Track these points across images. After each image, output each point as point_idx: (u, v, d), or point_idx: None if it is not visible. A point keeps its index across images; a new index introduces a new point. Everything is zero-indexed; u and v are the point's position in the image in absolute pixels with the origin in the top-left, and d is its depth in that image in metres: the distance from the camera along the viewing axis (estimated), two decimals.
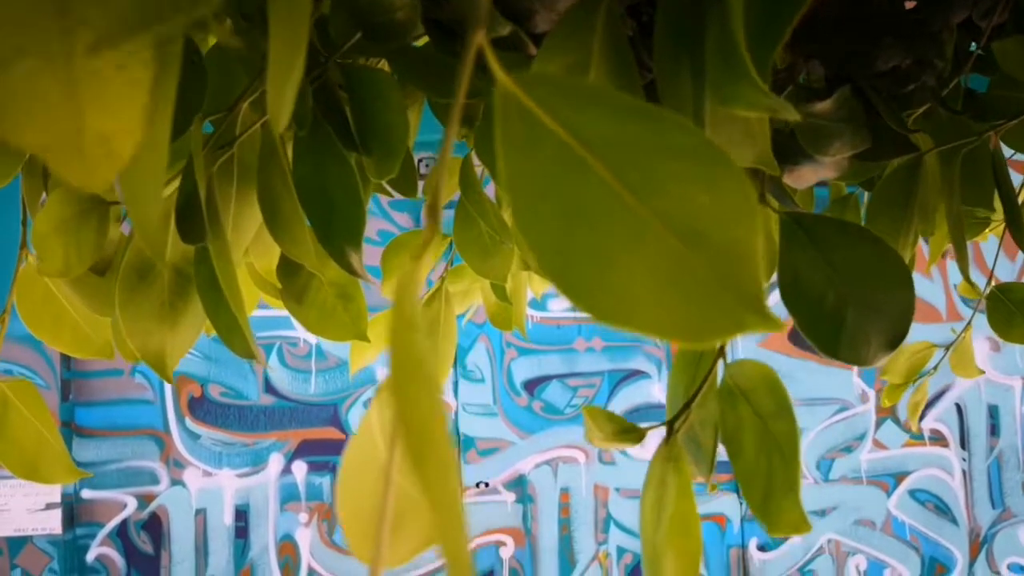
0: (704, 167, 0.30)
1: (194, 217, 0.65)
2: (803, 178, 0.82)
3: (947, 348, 1.34)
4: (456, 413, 3.64)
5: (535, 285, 1.34)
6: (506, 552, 3.63)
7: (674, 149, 0.30)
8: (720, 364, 0.68)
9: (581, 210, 0.30)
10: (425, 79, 0.72)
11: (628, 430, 0.68)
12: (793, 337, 3.82)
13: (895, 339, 0.66)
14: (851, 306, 0.65)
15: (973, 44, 0.86)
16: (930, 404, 3.90)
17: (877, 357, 0.67)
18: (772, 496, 0.59)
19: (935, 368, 1.35)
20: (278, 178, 0.69)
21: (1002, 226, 1.35)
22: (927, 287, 3.93)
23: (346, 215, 0.67)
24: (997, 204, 1.03)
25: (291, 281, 0.96)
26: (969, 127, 0.94)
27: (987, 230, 1.27)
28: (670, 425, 0.66)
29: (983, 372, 1.34)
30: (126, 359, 0.78)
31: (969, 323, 1.37)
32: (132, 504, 3.48)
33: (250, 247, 0.85)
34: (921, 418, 3.89)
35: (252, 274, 0.95)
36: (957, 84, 0.96)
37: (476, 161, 0.97)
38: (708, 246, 0.30)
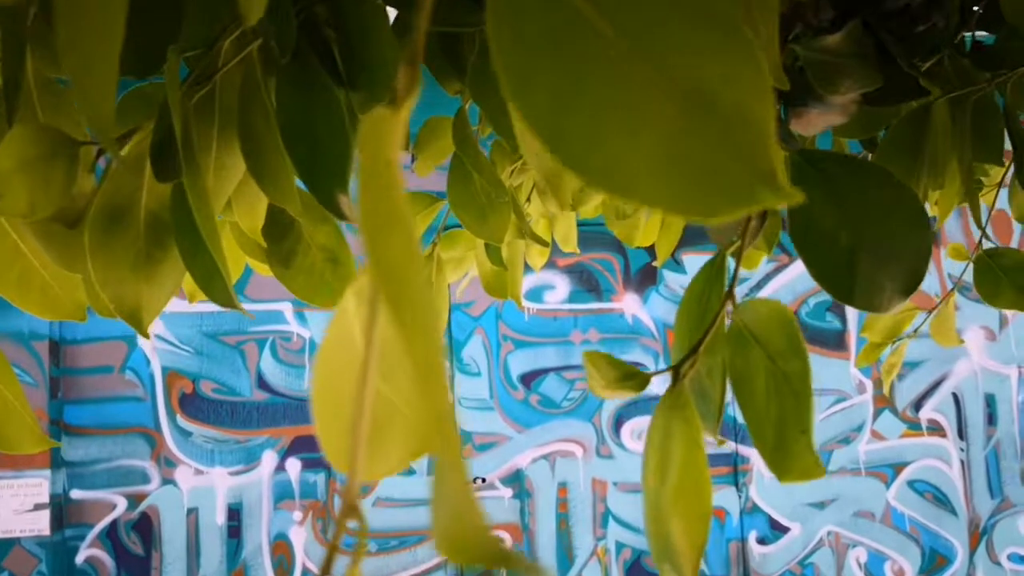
0: (714, 31, 0.26)
1: (169, 154, 0.61)
2: (811, 123, 0.78)
3: (929, 312, 1.31)
4: (452, 407, 3.60)
5: (533, 256, 1.31)
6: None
7: (682, 7, 0.26)
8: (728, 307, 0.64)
9: (580, 71, 0.26)
10: None
11: (631, 375, 0.64)
12: None
13: (911, 284, 0.62)
14: (865, 249, 0.61)
15: None
16: (927, 394, 3.88)
17: (892, 303, 0.64)
18: (784, 441, 0.56)
19: (915, 331, 1.31)
20: (260, 116, 0.65)
21: (993, 193, 1.32)
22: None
23: (332, 153, 0.63)
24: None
25: (278, 244, 0.91)
26: (977, 76, 0.91)
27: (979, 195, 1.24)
28: (676, 371, 0.63)
29: (963, 341, 1.30)
30: (100, 314, 0.74)
31: (953, 289, 1.33)
32: (122, 504, 3.43)
33: (234, 203, 0.81)
34: (918, 408, 3.87)
35: (237, 236, 0.91)
36: (963, 38, 0.93)
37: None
38: (716, 109, 0.26)
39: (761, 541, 3.74)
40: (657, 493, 0.64)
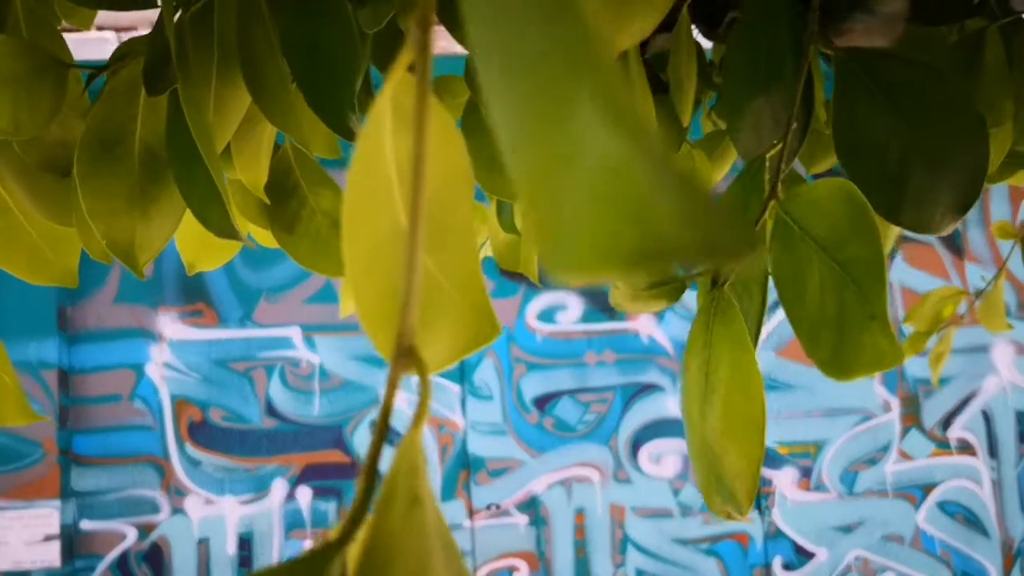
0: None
1: (163, 68, 0.57)
2: (853, 40, 0.73)
3: (977, 295, 1.25)
4: (464, 432, 3.53)
5: None
6: None
7: None
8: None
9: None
10: None
11: (662, 282, 0.59)
12: None
13: (967, 199, 0.57)
14: (919, 158, 0.56)
15: None
16: (956, 412, 3.78)
17: (944, 222, 0.58)
18: (847, 336, 0.50)
19: (962, 317, 1.24)
20: (260, 34, 0.61)
21: None
22: None
23: (339, 67, 0.58)
24: None
25: (281, 208, 0.87)
26: None
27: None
28: (713, 279, 0.57)
29: (1011, 327, 1.24)
30: (93, 255, 0.69)
31: (1001, 271, 1.27)
32: (132, 535, 3.35)
33: (235, 155, 0.76)
34: (947, 427, 3.77)
35: (239, 201, 0.86)
36: None
37: None
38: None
39: (787, 567, 3.62)
40: (702, 416, 0.58)
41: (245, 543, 3.40)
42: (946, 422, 3.77)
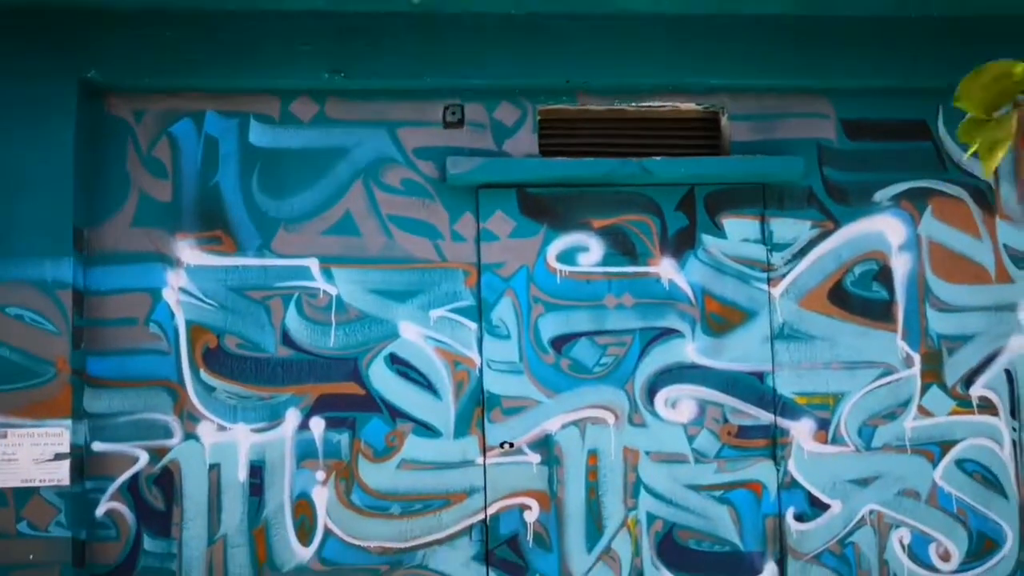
0: None
1: None
2: None
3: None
4: (480, 369, 3.49)
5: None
6: (531, 516, 3.47)
7: None
8: None
9: None
10: None
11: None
12: (834, 296, 3.64)
13: None
14: None
15: None
16: (979, 370, 3.70)
17: None
18: None
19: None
20: None
21: None
22: (976, 247, 3.73)
23: None
24: None
25: None
26: None
27: None
28: None
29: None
30: None
31: None
32: (144, 458, 3.36)
33: None
34: (969, 385, 3.69)
35: None
36: None
37: None
38: None
39: (799, 518, 3.58)
40: None
41: (256, 471, 3.40)
42: (968, 380, 3.70)
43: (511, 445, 3.49)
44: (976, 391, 3.70)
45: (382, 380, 3.46)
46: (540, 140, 3.61)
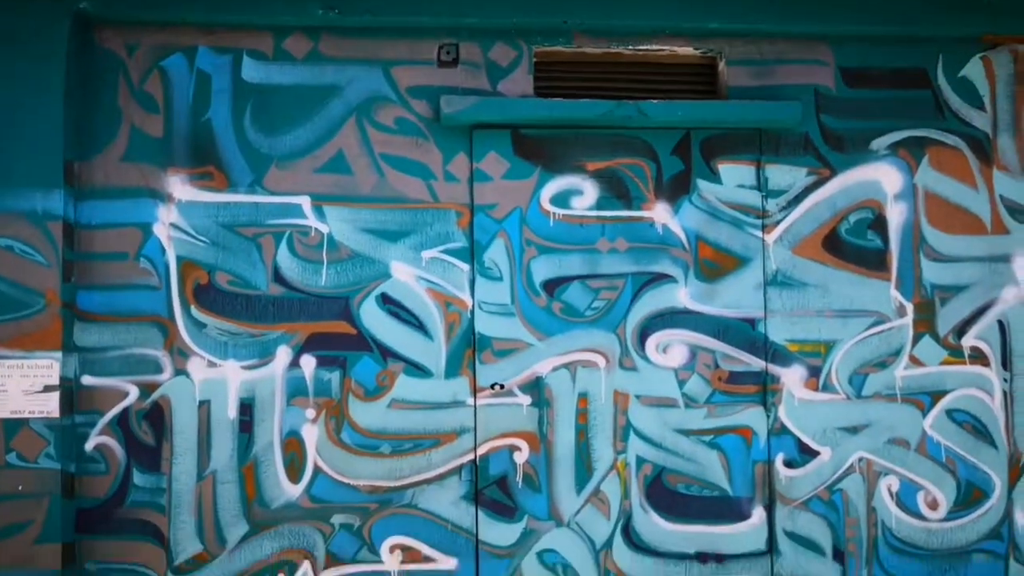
0: None
1: None
2: None
3: None
4: (472, 311, 3.49)
5: None
6: (520, 457, 3.48)
7: None
8: None
9: None
10: None
11: None
12: (828, 244, 3.62)
13: None
14: None
15: None
16: (971, 321, 3.69)
17: None
18: None
19: None
20: None
21: None
22: (972, 198, 3.71)
23: None
24: None
25: None
26: None
27: None
28: None
29: None
30: None
31: None
32: (134, 393, 3.36)
33: None
34: (961, 335, 3.69)
35: None
36: None
37: None
38: None
39: (789, 464, 3.59)
40: None
41: (246, 408, 3.40)
42: (961, 330, 3.69)
43: (502, 387, 3.49)
44: (968, 342, 3.69)
45: (373, 320, 3.45)
46: (535, 82, 3.58)
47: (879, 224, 3.66)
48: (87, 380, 3.34)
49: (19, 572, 3.16)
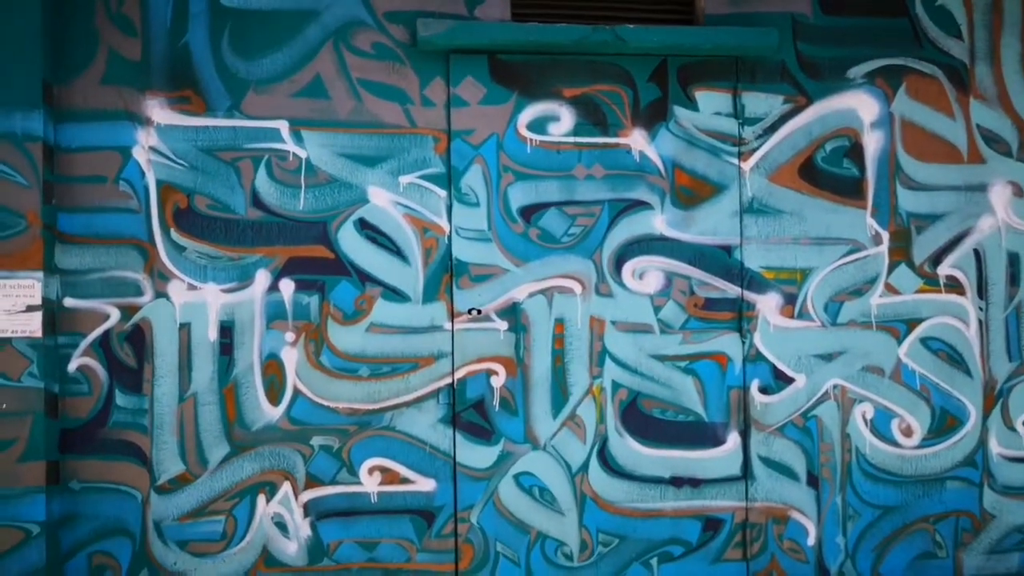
0: None
1: None
2: None
3: None
4: (449, 237, 3.52)
5: None
6: (497, 381, 3.52)
7: None
8: None
9: None
10: None
11: None
12: (804, 172, 3.64)
13: None
14: None
15: None
16: (947, 249, 3.72)
17: None
18: None
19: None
20: None
21: None
22: (949, 127, 3.72)
23: None
24: None
25: None
26: None
27: None
28: None
29: None
30: None
31: None
32: (115, 315, 3.40)
33: None
34: (937, 264, 3.71)
35: None
36: None
37: None
38: None
39: (764, 390, 3.63)
40: None
41: (226, 330, 3.44)
42: (936, 259, 3.72)
43: (479, 312, 3.52)
44: (944, 270, 3.72)
45: (351, 244, 3.48)
46: (513, 7, 3.58)
47: (855, 152, 3.68)
48: (69, 302, 3.38)
49: (5, 489, 3.22)
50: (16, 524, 3.21)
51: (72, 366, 3.38)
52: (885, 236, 3.69)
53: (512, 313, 3.54)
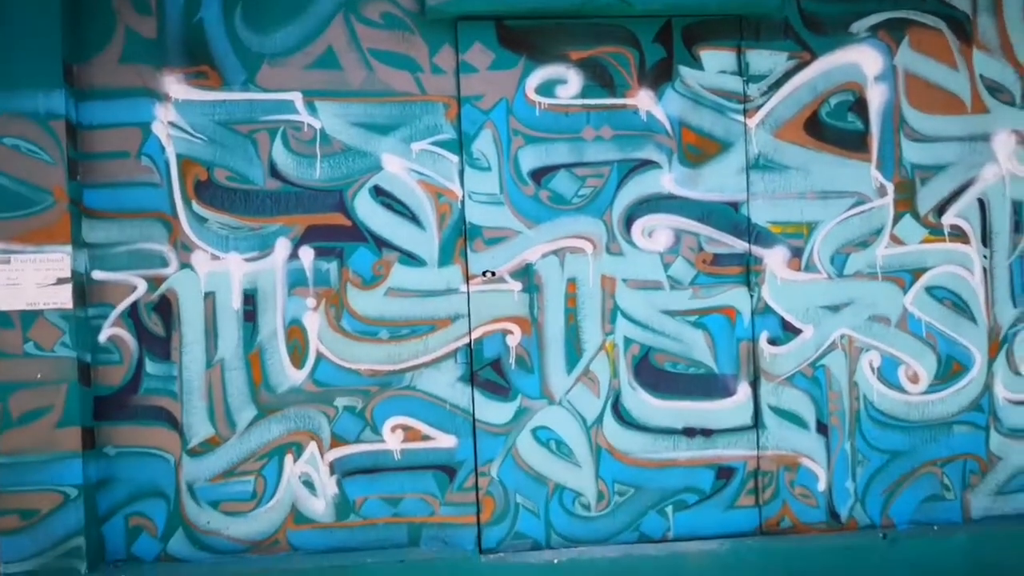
0: None
1: None
2: None
3: None
4: (462, 201, 3.61)
5: None
6: (513, 340, 3.63)
7: None
8: None
9: None
10: None
11: None
12: (809, 127, 3.70)
13: None
14: None
15: None
16: (951, 199, 3.78)
17: None
18: None
19: None
20: None
21: None
22: (952, 78, 3.77)
23: None
24: None
25: None
26: None
27: None
28: None
29: None
30: None
31: None
32: (142, 286, 3.52)
33: None
34: (941, 213, 3.78)
35: None
36: None
37: None
38: None
39: (772, 342, 3.72)
40: None
41: (249, 298, 3.55)
42: (941, 209, 3.78)
43: (493, 274, 3.62)
44: (948, 219, 3.79)
45: (367, 211, 3.58)
46: None
47: (859, 106, 3.73)
48: (97, 275, 3.50)
49: (42, 455, 3.36)
50: (55, 488, 3.36)
51: (103, 336, 3.51)
52: (890, 188, 3.75)
53: (525, 274, 3.63)
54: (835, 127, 3.71)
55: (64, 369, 3.37)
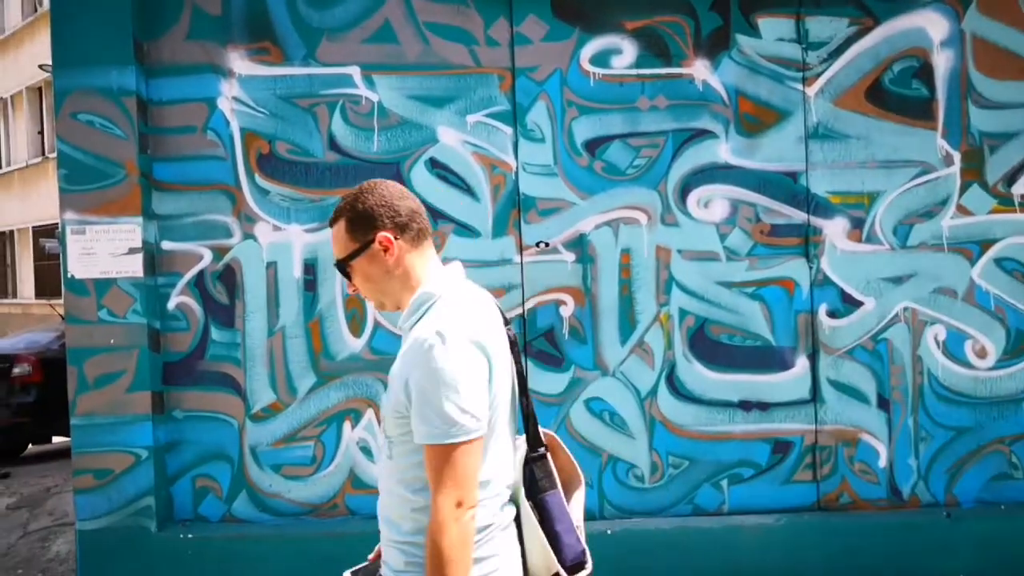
0: None
1: None
2: None
3: None
4: (516, 172, 3.63)
5: None
6: (566, 311, 3.64)
7: None
8: None
9: None
10: None
11: None
12: (871, 95, 3.61)
13: None
14: None
15: None
16: (1022, 168, 3.65)
17: None
18: None
19: None
20: None
21: None
22: (1022, 42, 3.64)
23: None
24: None
25: None
26: None
27: None
28: None
29: None
30: None
31: None
32: (208, 256, 3.65)
33: None
34: (1011, 183, 3.65)
35: None
36: None
37: None
38: None
39: (832, 314, 3.65)
40: None
41: (310, 268, 3.65)
42: (1011, 178, 3.66)
43: (546, 244, 3.64)
44: (1019, 189, 3.66)
45: (423, 183, 3.64)
46: None
47: (924, 72, 3.63)
48: (166, 245, 3.64)
49: (115, 417, 3.52)
50: (127, 449, 3.51)
51: (171, 304, 3.65)
52: (956, 156, 3.64)
53: (579, 245, 3.65)
54: (898, 94, 3.62)
55: (135, 335, 3.53)
